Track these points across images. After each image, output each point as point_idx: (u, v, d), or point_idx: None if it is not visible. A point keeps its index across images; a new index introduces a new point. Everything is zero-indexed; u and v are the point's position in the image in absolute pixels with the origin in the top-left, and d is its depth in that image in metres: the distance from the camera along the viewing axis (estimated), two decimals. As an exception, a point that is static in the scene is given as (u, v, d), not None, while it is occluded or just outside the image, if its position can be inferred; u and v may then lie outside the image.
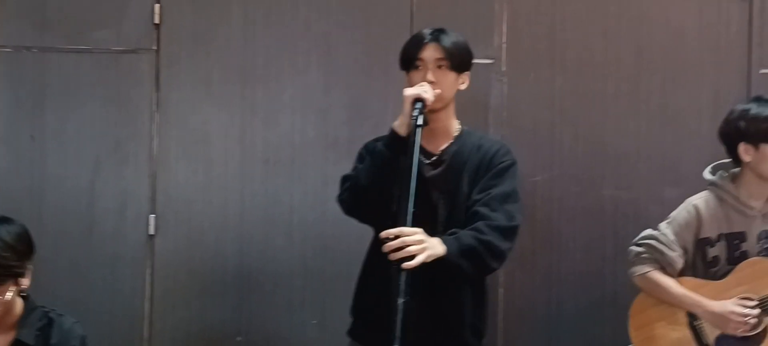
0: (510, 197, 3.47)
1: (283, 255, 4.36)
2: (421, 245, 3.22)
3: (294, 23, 4.39)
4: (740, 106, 3.72)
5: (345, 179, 3.54)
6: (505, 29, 4.34)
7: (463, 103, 4.26)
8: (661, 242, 3.73)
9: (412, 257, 3.18)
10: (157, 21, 4.38)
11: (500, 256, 3.43)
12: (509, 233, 3.44)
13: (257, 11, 4.39)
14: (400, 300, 3.11)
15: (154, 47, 4.39)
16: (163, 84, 4.39)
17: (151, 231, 4.37)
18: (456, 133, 3.58)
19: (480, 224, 3.39)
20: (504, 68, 4.34)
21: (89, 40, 4.39)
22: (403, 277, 3.14)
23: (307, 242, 4.35)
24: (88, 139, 4.38)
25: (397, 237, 3.19)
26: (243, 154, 4.38)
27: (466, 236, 3.36)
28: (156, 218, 4.38)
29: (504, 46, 4.35)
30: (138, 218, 4.38)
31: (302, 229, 4.35)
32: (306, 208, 4.33)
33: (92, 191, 4.38)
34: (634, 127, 4.33)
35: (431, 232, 3.30)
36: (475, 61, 4.29)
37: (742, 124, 3.67)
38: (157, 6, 4.38)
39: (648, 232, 3.78)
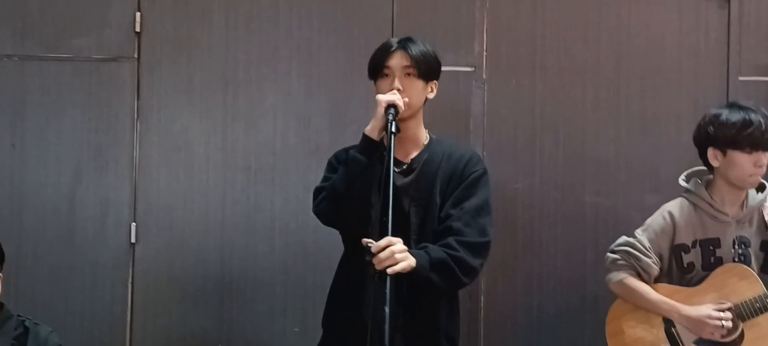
0: (482, 209, 3.48)
1: (264, 262, 4.37)
2: (404, 253, 3.24)
3: (275, 30, 4.40)
4: (713, 111, 3.75)
5: (318, 190, 3.53)
6: (485, 37, 4.36)
7: (444, 111, 4.30)
8: (637, 249, 3.75)
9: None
10: (137, 29, 4.38)
11: (471, 272, 3.45)
12: (481, 248, 3.46)
13: (238, 18, 4.39)
14: (387, 308, 3.12)
15: (135, 55, 4.39)
16: (144, 91, 4.39)
17: (133, 238, 4.37)
18: (425, 142, 3.59)
19: (451, 240, 3.40)
20: (485, 76, 4.36)
21: (70, 48, 4.39)
22: (388, 285, 3.16)
23: (289, 249, 4.36)
24: (69, 147, 4.38)
25: (384, 246, 3.20)
26: (224, 161, 4.39)
27: (437, 250, 3.38)
28: (137, 226, 4.37)
29: (484, 53, 4.36)
30: (119, 225, 4.37)
31: (284, 236, 4.35)
32: (287, 215, 4.34)
33: (73, 198, 4.37)
34: (614, 134, 4.35)
35: (404, 240, 3.31)
36: (456, 68, 4.33)
37: (711, 129, 3.70)
38: (137, 14, 4.38)
39: (623, 239, 3.81)
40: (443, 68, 4.29)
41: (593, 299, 4.27)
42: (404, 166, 3.51)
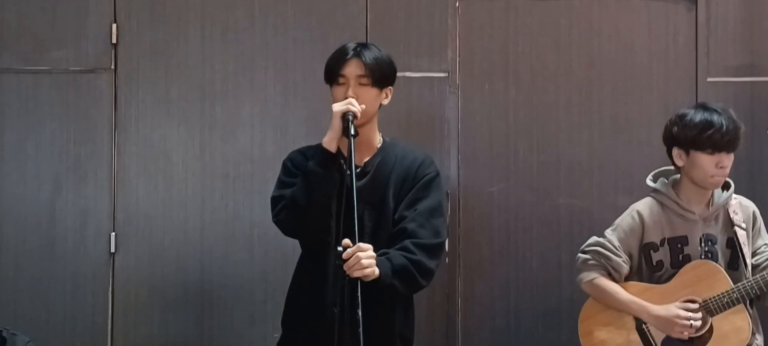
0: (436, 211, 3.53)
1: (244, 270, 4.40)
2: (371, 260, 3.29)
3: (251, 40, 4.44)
4: (680, 111, 3.79)
5: (276, 199, 3.55)
6: (458, 43, 4.41)
7: (419, 117, 4.36)
8: (607, 249, 3.79)
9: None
10: (114, 40, 4.41)
11: (429, 274, 3.49)
12: (436, 250, 3.51)
13: (214, 29, 4.43)
14: (359, 312, 3.17)
15: (112, 66, 4.42)
16: (122, 102, 4.42)
17: (112, 248, 4.39)
18: (379, 145, 3.63)
19: (408, 243, 3.44)
20: (458, 81, 4.41)
21: (47, 60, 4.41)
22: (359, 289, 3.21)
23: (268, 256, 4.39)
24: (48, 159, 4.40)
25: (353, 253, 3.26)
26: (203, 171, 4.42)
27: (397, 256, 3.42)
28: (116, 236, 4.40)
29: (458, 59, 4.42)
30: (98, 235, 4.39)
31: (263, 243, 4.39)
32: (266, 223, 4.30)
33: (52, 209, 4.39)
34: (586, 137, 4.41)
35: (358, 243, 3.33)
36: (430, 74, 4.38)
37: (675, 129, 3.74)
38: (114, 25, 4.41)
39: (594, 239, 3.85)
40: (417, 74, 4.38)
41: (569, 301, 4.32)
42: (358, 170, 3.52)
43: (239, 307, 4.39)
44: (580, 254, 3.87)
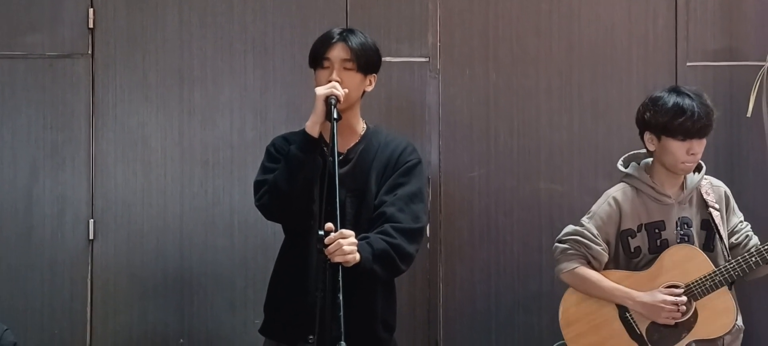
0: (416, 196, 3.54)
1: (224, 256, 4.38)
2: (352, 247, 3.29)
3: (230, 24, 4.40)
4: (654, 95, 3.76)
5: (259, 184, 3.54)
6: (439, 28, 4.40)
7: (399, 102, 4.35)
8: (586, 237, 3.76)
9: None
10: (91, 25, 4.37)
11: (408, 258, 3.50)
12: (415, 234, 3.52)
13: (193, 13, 4.40)
14: (340, 296, 3.16)
15: (89, 51, 4.38)
16: (99, 88, 4.38)
17: (91, 235, 4.36)
18: (362, 132, 3.62)
19: (388, 227, 3.45)
20: (439, 66, 4.41)
21: (23, 45, 4.36)
22: (340, 274, 3.21)
23: (248, 242, 4.37)
24: (25, 145, 4.35)
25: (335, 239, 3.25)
26: (182, 156, 4.39)
27: (378, 240, 3.42)
28: (95, 222, 4.36)
29: (438, 44, 4.41)
30: (77, 222, 4.36)
31: (243, 229, 4.37)
32: (246, 208, 4.33)
33: (30, 196, 4.35)
34: (566, 121, 4.42)
35: (340, 229, 3.31)
36: (411, 59, 4.37)
37: (648, 114, 3.72)
38: (90, 10, 4.36)
39: (570, 228, 3.82)
40: (398, 59, 4.36)
41: (550, 284, 4.33)
42: (341, 157, 3.51)
43: (219, 293, 4.38)
44: (557, 244, 3.84)
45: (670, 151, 3.69)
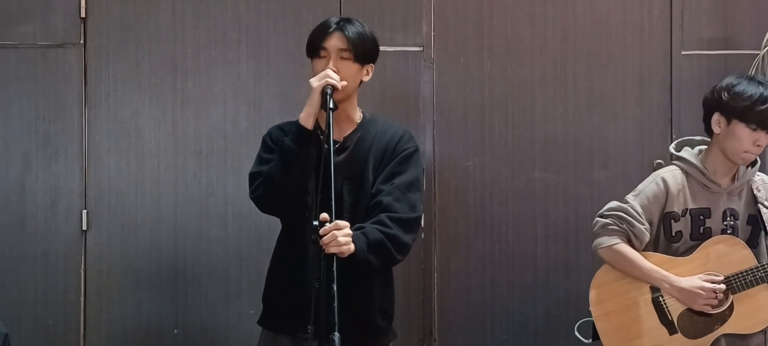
0: (413, 185, 3.51)
1: (218, 247, 4.37)
2: (347, 238, 3.27)
3: (223, 14, 4.38)
4: (732, 79, 3.67)
5: (254, 176, 3.52)
6: (433, 17, 4.39)
7: (394, 91, 4.34)
8: (630, 214, 3.67)
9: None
10: (83, 14, 4.35)
11: (404, 249, 3.48)
12: (412, 224, 3.49)
13: (186, 2, 4.37)
14: (334, 286, 3.13)
15: (81, 41, 4.36)
16: (92, 78, 4.36)
17: (84, 226, 4.34)
18: (359, 120, 3.60)
19: (383, 217, 3.43)
20: (433, 55, 4.39)
21: (14, 35, 4.34)
22: (334, 264, 3.19)
23: (242, 232, 4.36)
24: (17, 135, 4.34)
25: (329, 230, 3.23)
26: (175, 147, 4.37)
27: (373, 230, 3.40)
28: (88, 213, 4.35)
29: (432, 33, 4.39)
30: (70, 213, 4.34)
31: (237, 220, 4.36)
32: (240, 199, 4.31)
33: (23, 187, 4.33)
34: (562, 111, 4.41)
35: (337, 218, 3.29)
36: (405, 48, 4.35)
37: (725, 95, 3.63)
38: (82, -1, 4.36)
39: (615, 203, 3.72)
40: (392, 48, 4.34)
41: (545, 274, 4.34)
42: (337, 145, 3.48)
43: (213, 284, 4.36)
44: (598, 218, 3.73)
45: (737, 137, 3.61)
